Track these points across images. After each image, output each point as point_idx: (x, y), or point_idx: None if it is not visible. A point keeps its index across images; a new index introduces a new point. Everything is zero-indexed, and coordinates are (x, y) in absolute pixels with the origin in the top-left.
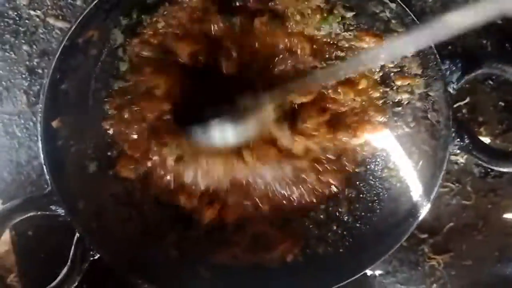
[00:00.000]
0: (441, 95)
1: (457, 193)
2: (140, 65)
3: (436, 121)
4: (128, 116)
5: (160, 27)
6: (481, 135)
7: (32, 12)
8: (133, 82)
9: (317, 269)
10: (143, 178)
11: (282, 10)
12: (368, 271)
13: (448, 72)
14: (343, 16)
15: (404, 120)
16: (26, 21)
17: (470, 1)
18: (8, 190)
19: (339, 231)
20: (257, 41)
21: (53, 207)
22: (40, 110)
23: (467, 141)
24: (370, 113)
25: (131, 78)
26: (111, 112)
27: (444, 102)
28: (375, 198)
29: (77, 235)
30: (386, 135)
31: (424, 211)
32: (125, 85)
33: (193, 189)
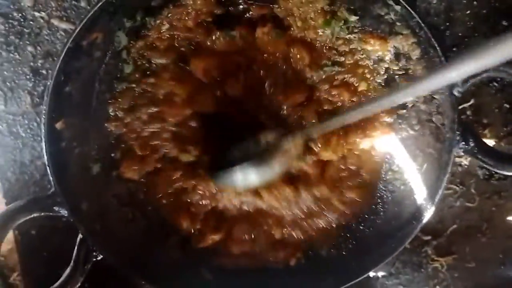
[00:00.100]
0: (446, 98)
1: (461, 195)
2: (157, 70)
3: (441, 124)
4: (144, 116)
5: (164, 30)
6: (486, 137)
7: (37, 14)
8: (154, 82)
9: (320, 272)
10: (147, 180)
11: (284, 17)
12: (371, 273)
13: None
14: (346, 19)
15: (409, 123)
16: (31, 23)
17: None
18: (12, 190)
19: (343, 234)
20: (260, 53)
21: (57, 208)
22: (44, 112)
23: (472, 144)
24: (378, 114)
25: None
26: (123, 107)
27: (449, 105)
28: (379, 201)
29: (80, 236)
30: (391, 138)
31: (428, 215)
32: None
33: (197, 209)
